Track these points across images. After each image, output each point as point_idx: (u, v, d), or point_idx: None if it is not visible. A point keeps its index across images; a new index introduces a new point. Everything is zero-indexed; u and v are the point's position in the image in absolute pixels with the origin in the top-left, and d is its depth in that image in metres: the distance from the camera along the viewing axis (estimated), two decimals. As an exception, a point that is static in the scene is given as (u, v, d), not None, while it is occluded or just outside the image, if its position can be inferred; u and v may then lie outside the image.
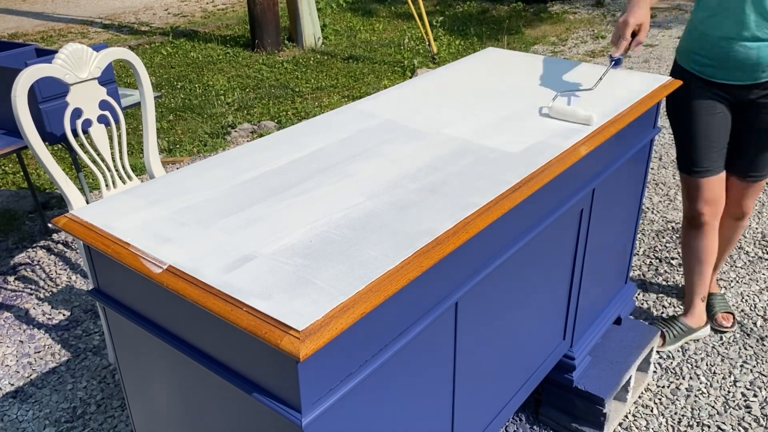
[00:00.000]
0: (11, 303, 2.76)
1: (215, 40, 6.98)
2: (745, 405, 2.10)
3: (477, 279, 1.29)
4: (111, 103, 2.23)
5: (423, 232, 1.14)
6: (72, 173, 3.84)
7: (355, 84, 5.46)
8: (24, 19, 8.54)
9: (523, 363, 1.65)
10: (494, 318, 1.43)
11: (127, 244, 1.13)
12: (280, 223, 1.18)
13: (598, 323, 2.02)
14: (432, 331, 1.23)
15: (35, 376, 2.34)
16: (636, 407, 2.11)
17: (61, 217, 1.24)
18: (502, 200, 1.25)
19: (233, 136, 4.48)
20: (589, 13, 7.68)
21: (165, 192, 1.31)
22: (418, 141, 1.51)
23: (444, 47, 6.34)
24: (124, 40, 7.13)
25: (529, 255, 1.48)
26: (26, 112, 1.99)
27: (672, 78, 1.91)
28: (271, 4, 6.28)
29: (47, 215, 3.44)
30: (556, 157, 1.42)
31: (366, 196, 1.26)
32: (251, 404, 1.06)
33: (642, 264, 2.85)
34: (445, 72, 2.01)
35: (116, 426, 2.11)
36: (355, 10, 8.33)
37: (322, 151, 1.48)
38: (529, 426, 2.03)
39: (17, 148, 2.36)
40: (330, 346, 0.98)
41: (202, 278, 1.02)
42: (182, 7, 8.93)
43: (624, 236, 2.04)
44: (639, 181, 1.99)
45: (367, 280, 1.01)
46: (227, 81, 5.63)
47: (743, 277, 2.72)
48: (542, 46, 6.35)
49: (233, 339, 1.02)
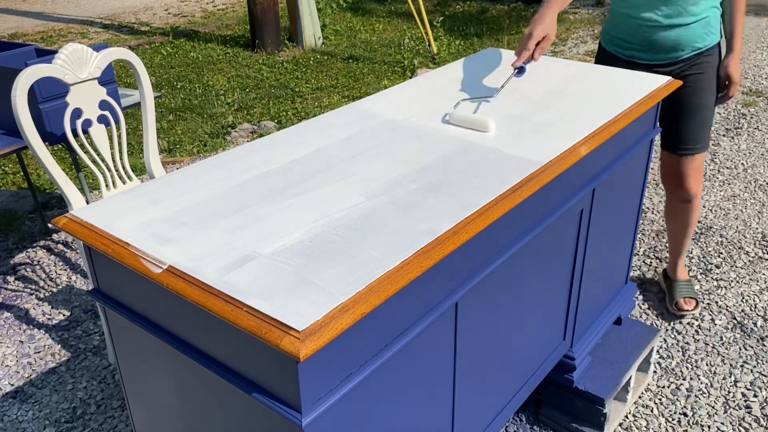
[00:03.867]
0: (11, 303, 2.76)
1: (215, 40, 6.98)
2: (746, 405, 2.10)
3: (477, 279, 1.29)
4: (111, 104, 2.23)
5: (423, 232, 1.14)
6: (72, 173, 3.84)
7: (355, 84, 5.46)
8: (24, 19, 8.54)
9: (523, 363, 1.65)
10: (494, 318, 1.43)
11: (127, 244, 1.13)
12: (280, 223, 1.17)
13: (598, 323, 2.02)
14: (432, 331, 1.23)
15: (35, 376, 2.34)
16: (636, 407, 2.11)
17: (61, 218, 1.24)
18: (502, 200, 1.25)
19: (233, 136, 4.48)
20: (589, 13, 7.68)
21: (165, 192, 1.31)
22: (418, 141, 1.51)
23: (444, 47, 6.34)
24: (124, 40, 7.13)
25: (529, 255, 1.48)
26: (26, 112, 1.99)
27: (672, 78, 1.91)
28: (272, 4, 6.28)
29: (47, 215, 3.44)
30: (556, 157, 1.42)
31: (366, 196, 1.26)
32: (251, 404, 1.06)
33: (642, 264, 2.85)
34: (445, 72, 2.01)
35: (116, 426, 2.11)
36: (355, 10, 8.34)
37: (322, 151, 1.48)
38: (529, 426, 2.03)
39: (17, 148, 2.36)
40: (330, 347, 0.98)
41: (202, 278, 1.02)
42: (182, 7, 8.93)
43: (624, 236, 2.04)
44: (639, 182, 1.99)
45: (367, 280, 1.01)
46: (227, 81, 5.63)
47: (743, 277, 2.72)
48: (542, 46, 6.34)
49: (233, 339, 1.02)
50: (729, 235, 3.04)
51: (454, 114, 1.61)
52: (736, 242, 2.98)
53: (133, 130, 4.52)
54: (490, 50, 2.21)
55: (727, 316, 2.50)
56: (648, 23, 2.10)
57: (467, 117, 1.58)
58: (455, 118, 1.60)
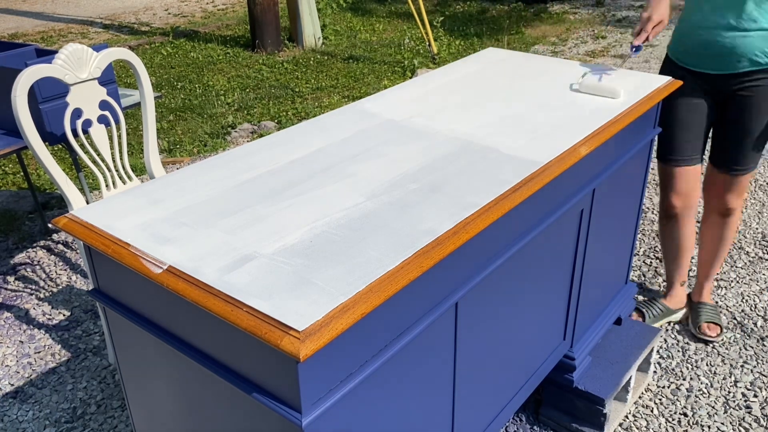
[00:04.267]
0: (11, 303, 2.76)
1: (215, 40, 6.98)
2: (746, 405, 2.10)
3: (477, 279, 1.29)
4: (111, 104, 2.23)
5: (423, 232, 1.14)
6: (72, 173, 3.84)
7: (355, 84, 5.46)
8: (24, 19, 8.54)
9: (523, 363, 1.65)
10: (494, 318, 1.43)
11: (127, 244, 1.13)
12: (280, 223, 1.17)
13: (598, 323, 2.02)
14: (432, 331, 1.23)
15: (35, 376, 2.34)
16: (636, 407, 2.11)
17: (61, 218, 1.24)
18: (502, 200, 1.25)
19: (233, 136, 4.48)
20: (590, 13, 7.68)
21: (165, 192, 1.31)
22: (418, 141, 1.51)
23: (444, 47, 6.34)
24: (124, 41, 7.13)
25: (529, 255, 1.48)
26: (26, 113, 1.99)
27: (672, 78, 1.91)
28: (272, 4, 6.28)
29: (47, 215, 3.44)
30: (556, 157, 1.42)
31: (366, 196, 1.26)
32: (251, 404, 1.06)
33: (642, 264, 2.85)
34: (445, 72, 2.01)
35: (116, 426, 2.11)
36: (355, 10, 8.34)
37: (322, 151, 1.48)
38: (529, 426, 2.03)
39: (17, 148, 2.36)
40: (330, 347, 0.97)
41: (202, 278, 1.02)
42: (182, 7, 8.93)
43: (624, 236, 2.04)
44: (639, 182, 1.99)
45: (367, 280, 1.01)
46: (227, 81, 5.63)
47: (743, 278, 2.72)
48: (542, 46, 6.35)
49: (233, 339, 1.02)
50: (729, 235, 3.04)
51: (583, 82, 1.79)
52: (736, 242, 2.98)
53: (133, 130, 4.52)
54: (490, 50, 2.21)
55: (727, 316, 2.50)
56: (708, 27, 2.02)
57: (597, 85, 1.76)
58: (584, 86, 1.78)
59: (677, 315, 2.46)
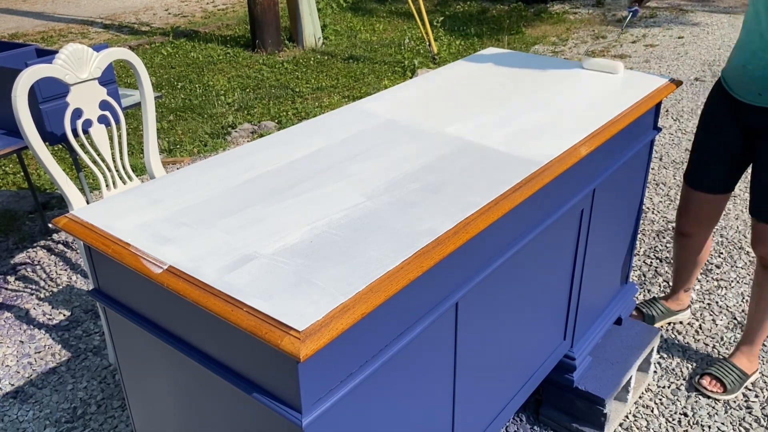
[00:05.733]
0: (11, 303, 2.76)
1: (215, 40, 6.98)
2: (746, 405, 2.10)
3: (477, 279, 1.29)
4: (111, 104, 2.23)
5: (423, 232, 1.14)
6: (72, 173, 3.84)
7: (355, 84, 5.46)
8: (24, 19, 8.54)
9: (523, 363, 1.65)
10: (494, 318, 1.43)
11: (127, 244, 1.13)
12: (280, 223, 1.17)
13: (598, 323, 2.02)
14: (432, 331, 1.23)
15: (35, 376, 2.34)
16: (636, 407, 2.11)
17: (62, 218, 1.24)
18: (502, 200, 1.25)
19: (233, 136, 4.48)
20: (590, 13, 7.67)
21: (165, 192, 1.31)
22: (419, 141, 1.51)
23: (444, 47, 6.34)
24: (125, 41, 7.13)
25: (529, 255, 1.48)
26: (26, 113, 1.99)
27: (672, 78, 1.91)
28: (272, 4, 6.28)
29: (47, 215, 3.44)
30: (556, 157, 1.42)
31: (366, 196, 1.26)
32: (251, 404, 1.06)
33: (642, 264, 2.85)
34: (446, 72, 2.00)
35: (116, 426, 2.11)
36: (355, 10, 8.34)
37: (323, 151, 1.48)
38: (529, 426, 2.03)
39: (17, 148, 2.36)
40: (330, 347, 0.97)
41: (202, 278, 1.02)
42: (182, 7, 8.93)
43: (624, 236, 2.03)
44: (639, 182, 1.99)
45: (368, 280, 1.01)
46: (227, 81, 5.63)
47: (743, 277, 2.72)
48: (543, 46, 6.35)
49: (233, 339, 1.02)
50: (729, 235, 3.04)
51: (586, 60, 2.01)
52: (736, 242, 2.98)
53: (133, 130, 4.52)
54: (490, 50, 2.21)
55: (727, 316, 2.50)
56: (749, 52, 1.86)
57: (599, 62, 1.97)
58: (588, 63, 1.99)
59: (679, 316, 2.46)
